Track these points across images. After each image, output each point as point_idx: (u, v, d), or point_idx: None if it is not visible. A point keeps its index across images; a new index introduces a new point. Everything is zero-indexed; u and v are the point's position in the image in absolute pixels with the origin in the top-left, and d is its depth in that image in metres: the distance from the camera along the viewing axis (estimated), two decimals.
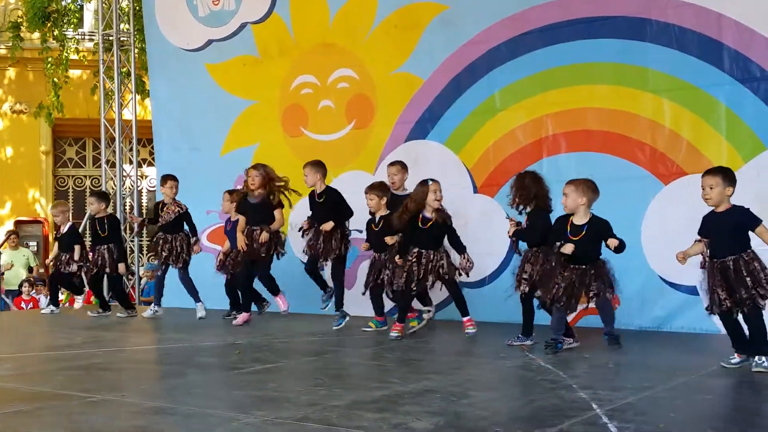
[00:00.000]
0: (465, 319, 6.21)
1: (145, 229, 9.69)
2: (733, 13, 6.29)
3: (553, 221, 5.59)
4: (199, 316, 7.85)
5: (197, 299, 8.00)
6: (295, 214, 7.87)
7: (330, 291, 7.00)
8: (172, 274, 8.26)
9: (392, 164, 7.09)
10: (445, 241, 6.23)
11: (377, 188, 6.69)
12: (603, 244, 5.27)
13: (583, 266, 5.18)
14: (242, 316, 7.22)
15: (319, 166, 6.98)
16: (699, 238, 4.78)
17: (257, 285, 7.48)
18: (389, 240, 6.37)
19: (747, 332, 4.63)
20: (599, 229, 5.24)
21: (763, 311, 4.59)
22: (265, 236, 7.00)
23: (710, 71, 6.38)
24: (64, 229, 8.75)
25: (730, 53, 6.30)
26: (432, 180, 6.12)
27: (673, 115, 6.59)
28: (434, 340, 6.31)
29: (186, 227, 8.06)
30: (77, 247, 8.56)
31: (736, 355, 4.69)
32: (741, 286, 4.52)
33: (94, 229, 8.40)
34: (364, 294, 6.86)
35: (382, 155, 7.99)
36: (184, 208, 8.01)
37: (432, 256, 6.03)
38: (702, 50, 6.41)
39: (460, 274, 6.16)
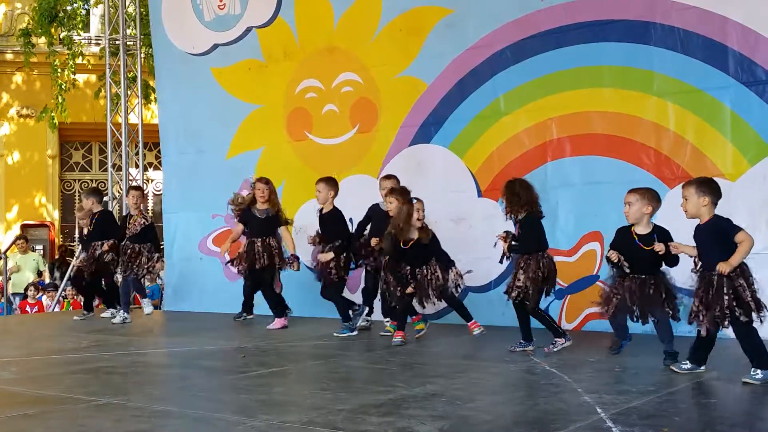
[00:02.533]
0: (470, 323, 6.22)
1: None
2: (738, 16, 6.28)
3: (545, 225, 5.67)
4: (114, 321, 7.85)
5: (123, 308, 7.95)
6: (298, 216, 7.95)
7: (358, 309, 6.89)
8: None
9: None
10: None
11: (398, 192, 6.39)
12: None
13: (643, 276, 5.06)
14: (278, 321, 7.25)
15: (333, 184, 6.88)
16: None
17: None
18: (374, 242, 6.45)
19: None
20: (665, 239, 5.07)
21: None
22: (297, 266, 7.15)
23: (715, 74, 6.37)
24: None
25: (735, 56, 6.29)
26: (416, 199, 6.11)
27: (677, 118, 6.58)
28: (438, 344, 6.31)
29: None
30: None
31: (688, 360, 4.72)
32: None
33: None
34: (394, 307, 6.67)
35: (386, 159, 7.99)
36: (149, 221, 8.07)
37: (425, 270, 6.07)
38: (707, 53, 6.40)
39: (457, 289, 6.18)
